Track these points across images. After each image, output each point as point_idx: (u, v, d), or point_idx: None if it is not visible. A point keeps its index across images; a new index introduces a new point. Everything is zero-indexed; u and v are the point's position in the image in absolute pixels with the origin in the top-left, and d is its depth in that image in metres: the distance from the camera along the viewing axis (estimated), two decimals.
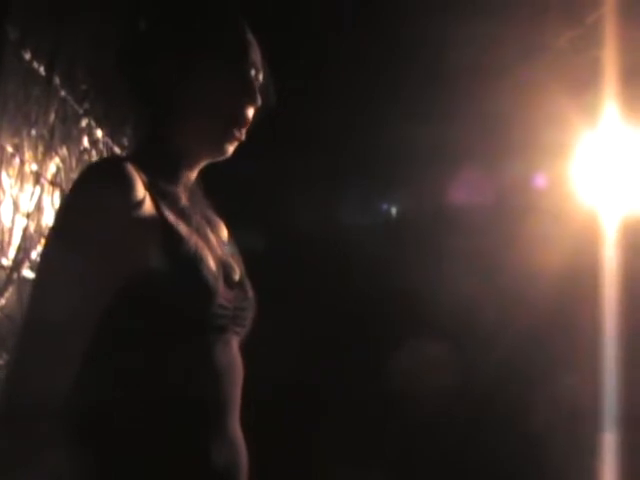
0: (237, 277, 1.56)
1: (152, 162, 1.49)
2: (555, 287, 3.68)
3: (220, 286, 1.45)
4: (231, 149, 1.59)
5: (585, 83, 3.61)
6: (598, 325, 3.53)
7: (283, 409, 3.74)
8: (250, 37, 1.59)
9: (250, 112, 1.57)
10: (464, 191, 3.97)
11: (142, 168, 1.44)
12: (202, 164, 1.62)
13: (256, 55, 1.59)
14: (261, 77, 1.60)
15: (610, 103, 3.58)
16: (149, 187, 1.43)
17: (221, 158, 1.60)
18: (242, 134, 1.58)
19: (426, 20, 3.64)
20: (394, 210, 4.18)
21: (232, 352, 1.50)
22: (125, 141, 3.12)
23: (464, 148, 3.79)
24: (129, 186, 1.38)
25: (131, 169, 1.40)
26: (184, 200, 1.53)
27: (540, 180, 3.93)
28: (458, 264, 3.77)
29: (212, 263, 1.46)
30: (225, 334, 1.48)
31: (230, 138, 1.57)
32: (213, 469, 1.40)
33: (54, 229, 1.44)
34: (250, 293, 1.60)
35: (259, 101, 1.57)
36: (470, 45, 3.65)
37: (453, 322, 3.78)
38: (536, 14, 3.67)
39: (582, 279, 3.60)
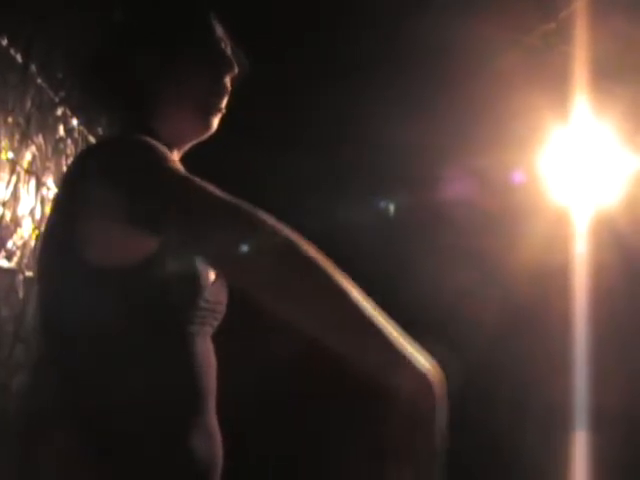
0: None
1: None
2: (526, 283, 3.71)
3: (208, 280, 1.46)
4: (216, 122, 1.63)
5: (557, 79, 3.63)
6: (569, 321, 3.56)
7: (280, 406, 3.76)
8: (211, 16, 1.66)
9: (228, 81, 1.63)
10: (434, 187, 3.98)
11: None
12: (187, 147, 1.65)
13: (220, 31, 1.66)
14: (229, 49, 1.66)
15: (581, 99, 3.60)
16: None
17: (207, 134, 1.64)
18: (223, 105, 1.63)
19: (402, 16, 3.66)
20: (391, 206, 4.20)
21: (208, 344, 1.53)
22: (100, 130, 3.10)
23: (434, 144, 3.80)
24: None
25: None
26: None
27: (511, 175, 3.95)
28: (428, 260, 3.78)
29: None
30: (204, 327, 1.49)
31: (214, 111, 1.61)
32: (195, 457, 1.41)
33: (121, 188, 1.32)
34: (226, 288, 1.61)
35: (236, 69, 1.64)
36: (442, 40, 3.66)
37: (424, 318, 3.80)
38: (508, 9, 3.68)
39: (553, 274, 3.63)
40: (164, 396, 1.39)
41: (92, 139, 3.01)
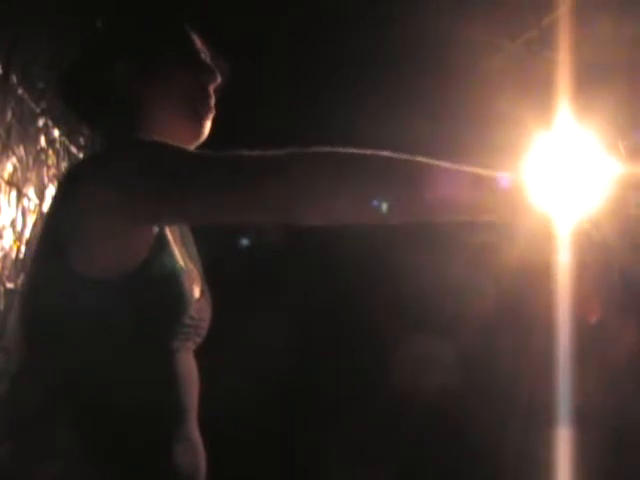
0: (201, 288, 1.57)
1: None
2: (507, 289, 3.72)
3: (193, 297, 1.46)
4: (206, 128, 1.63)
5: (540, 85, 3.63)
6: (552, 325, 3.56)
7: (280, 407, 3.78)
8: (187, 28, 1.67)
9: (212, 88, 1.64)
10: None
11: None
12: None
13: (199, 41, 1.67)
14: (209, 59, 1.67)
15: (565, 105, 3.60)
16: None
17: (199, 141, 1.63)
18: (212, 108, 1.64)
19: (391, 20, 3.66)
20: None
21: (191, 359, 1.53)
22: (82, 141, 3.08)
23: (418, 148, 3.79)
24: None
25: None
26: None
27: None
28: (408, 266, 3.78)
29: (190, 275, 1.47)
30: (186, 342, 1.49)
31: (202, 116, 1.62)
32: (178, 470, 1.41)
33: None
34: (210, 304, 1.61)
35: (219, 77, 1.64)
36: (425, 45, 3.67)
37: (402, 321, 3.81)
38: (492, 16, 3.69)
39: (535, 282, 3.63)
40: (146, 409, 1.39)
41: (74, 150, 3.00)
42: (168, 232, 1.44)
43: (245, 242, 4.26)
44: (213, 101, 1.63)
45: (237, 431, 3.61)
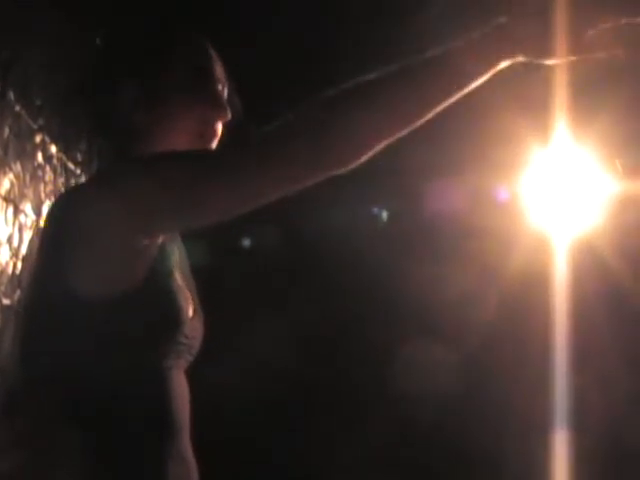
0: (194, 306, 1.56)
1: None
2: (505, 304, 3.72)
3: (188, 315, 1.46)
4: None
5: (537, 103, 3.64)
6: (548, 338, 3.56)
7: (280, 408, 3.78)
8: (213, 53, 1.60)
9: (219, 126, 1.58)
10: (415, 207, 3.99)
11: None
12: None
13: (220, 70, 1.60)
14: (226, 91, 1.61)
15: (562, 123, 3.60)
16: None
17: None
18: (212, 145, 1.58)
19: (384, 40, 3.67)
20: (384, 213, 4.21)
21: (182, 378, 1.52)
22: (79, 157, 3.08)
23: (415, 166, 3.80)
24: None
25: None
26: None
27: (491, 198, 3.96)
28: (405, 281, 3.78)
29: (185, 294, 1.47)
30: (179, 361, 1.49)
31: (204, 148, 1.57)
32: None
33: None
34: (202, 323, 1.60)
35: (229, 115, 1.58)
36: None
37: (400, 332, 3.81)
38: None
39: (532, 296, 3.63)
40: (140, 427, 1.39)
41: (71, 166, 3.00)
42: (167, 250, 1.44)
43: (244, 252, 4.25)
44: (215, 139, 1.57)
45: (231, 448, 3.60)
